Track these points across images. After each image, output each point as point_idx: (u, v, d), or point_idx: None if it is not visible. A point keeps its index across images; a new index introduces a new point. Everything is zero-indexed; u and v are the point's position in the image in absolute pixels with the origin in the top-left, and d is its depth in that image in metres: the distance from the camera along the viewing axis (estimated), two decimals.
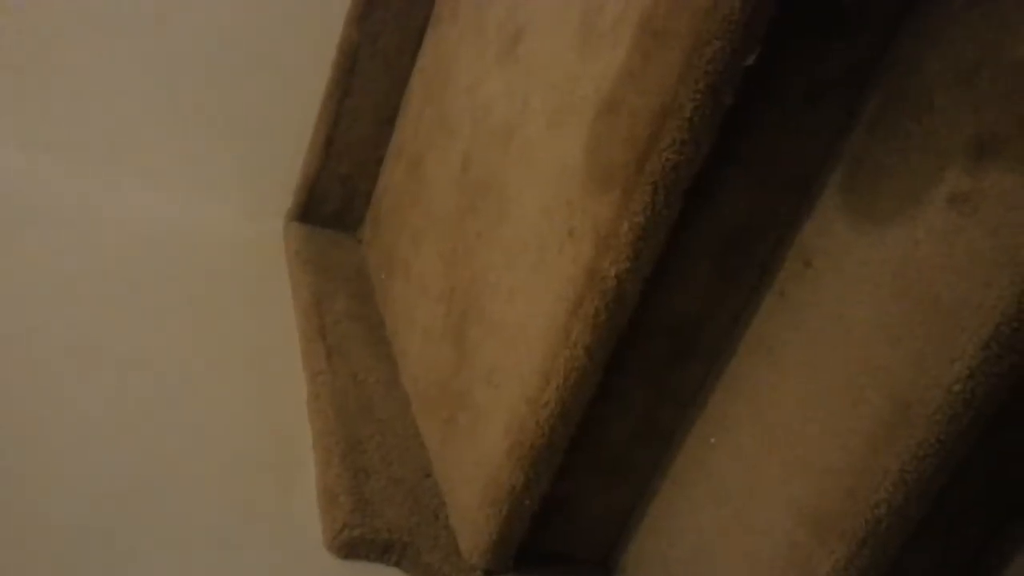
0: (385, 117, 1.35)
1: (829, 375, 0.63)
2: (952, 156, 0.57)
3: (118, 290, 1.04)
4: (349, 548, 0.74)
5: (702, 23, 0.58)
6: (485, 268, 0.84)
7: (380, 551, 0.75)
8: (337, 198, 1.40)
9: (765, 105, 0.64)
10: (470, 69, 1.05)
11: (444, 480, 0.83)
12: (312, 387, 0.95)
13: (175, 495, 0.74)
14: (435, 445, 0.87)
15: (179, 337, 0.99)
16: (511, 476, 0.71)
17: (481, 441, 0.76)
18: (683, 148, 0.61)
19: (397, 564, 0.75)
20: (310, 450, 0.86)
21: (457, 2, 1.18)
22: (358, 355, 1.04)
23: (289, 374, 0.99)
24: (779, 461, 0.66)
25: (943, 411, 0.55)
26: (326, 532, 0.75)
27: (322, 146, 1.35)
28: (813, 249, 0.67)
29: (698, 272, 0.70)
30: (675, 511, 0.76)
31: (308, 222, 1.41)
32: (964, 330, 0.54)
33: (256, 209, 1.41)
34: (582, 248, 0.67)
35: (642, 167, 0.62)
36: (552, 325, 0.69)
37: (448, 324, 0.90)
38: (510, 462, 0.71)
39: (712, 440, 0.73)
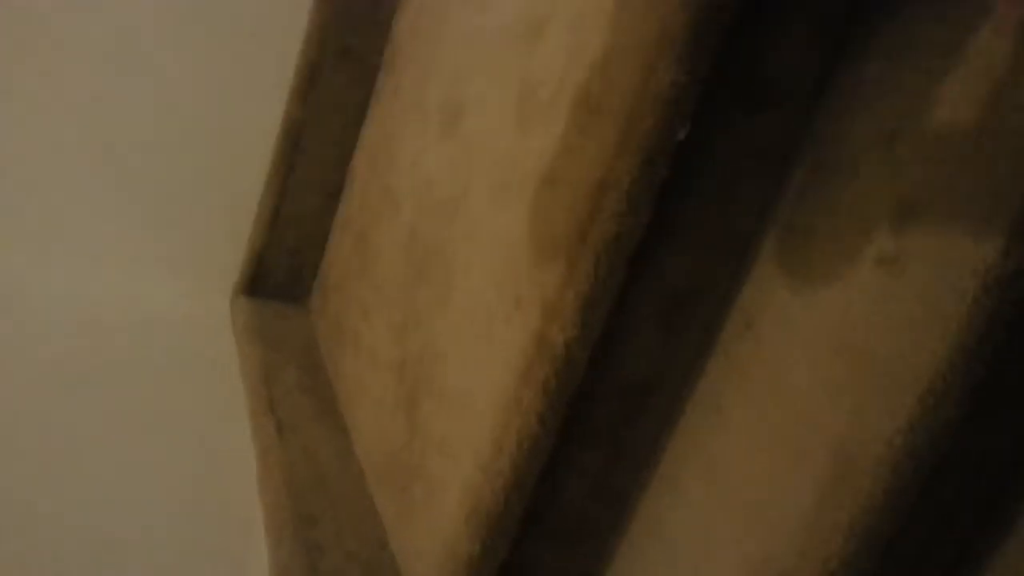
0: (331, 190, 1.36)
1: (774, 433, 0.65)
2: (877, 220, 0.60)
3: (63, 370, 1.02)
4: None
5: (634, 101, 0.61)
6: (435, 339, 0.85)
7: None
8: (285, 270, 1.40)
9: (699, 175, 0.67)
10: (413, 144, 1.06)
11: (400, 552, 0.82)
12: (262, 463, 0.94)
13: None
14: (390, 517, 0.86)
15: (125, 417, 0.97)
16: (468, 546, 0.71)
17: (436, 511, 0.76)
18: (623, 219, 0.63)
19: None
20: (262, 528, 0.85)
21: (398, 79, 1.21)
22: (309, 428, 1.03)
23: (238, 450, 0.98)
24: (731, 520, 0.67)
25: (886, 464, 0.56)
26: None
27: (269, 220, 1.36)
28: (753, 311, 0.69)
29: (644, 336, 0.71)
30: (632, 574, 0.76)
31: (256, 295, 1.40)
32: (900, 385, 0.56)
33: (202, 285, 1.40)
34: (530, 317, 0.68)
35: (584, 238, 0.64)
36: (503, 394, 0.70)
37: (400, 395, 0.90)
38: (467, 532, 0.71)
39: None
